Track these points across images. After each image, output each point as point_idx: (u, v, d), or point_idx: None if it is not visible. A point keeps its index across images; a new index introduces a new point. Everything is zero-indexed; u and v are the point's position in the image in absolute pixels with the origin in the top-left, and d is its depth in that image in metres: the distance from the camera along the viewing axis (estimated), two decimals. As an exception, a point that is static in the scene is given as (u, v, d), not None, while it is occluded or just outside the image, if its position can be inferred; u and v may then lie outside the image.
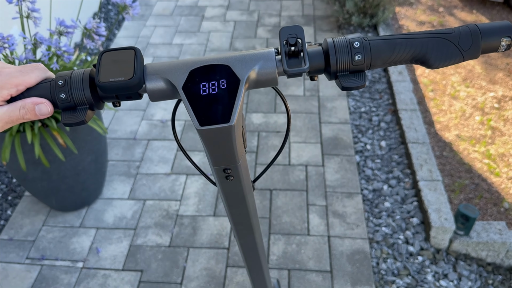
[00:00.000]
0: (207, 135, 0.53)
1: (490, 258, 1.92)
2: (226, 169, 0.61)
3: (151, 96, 0.56)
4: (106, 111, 2.70)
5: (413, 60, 0.55)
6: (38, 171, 1.85)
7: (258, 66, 0.55)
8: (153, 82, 0.55)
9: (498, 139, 2.50)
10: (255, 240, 0.83)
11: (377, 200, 2.14)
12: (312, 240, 1.97)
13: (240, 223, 0.77)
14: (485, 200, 2.16)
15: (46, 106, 0.53)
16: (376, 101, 2.75)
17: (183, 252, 1.94)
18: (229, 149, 0.57)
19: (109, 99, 0.57)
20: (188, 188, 2.22)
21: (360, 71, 0.55)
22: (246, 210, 0.73)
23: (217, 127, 0.52)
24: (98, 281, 1.85)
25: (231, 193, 0.68)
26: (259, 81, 0.56)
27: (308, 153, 2.40)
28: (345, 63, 0.54)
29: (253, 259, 0.91)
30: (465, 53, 0.54)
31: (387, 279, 1.83)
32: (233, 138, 0.54)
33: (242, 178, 0.65)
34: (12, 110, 0.52)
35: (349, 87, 0.54)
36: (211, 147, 0.56)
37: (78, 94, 0.54)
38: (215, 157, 0.59)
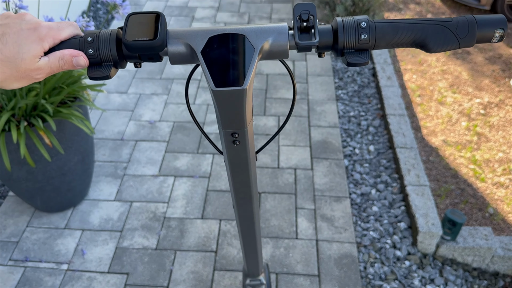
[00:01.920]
0: (221, 97, 0.58)
1: (476, 263, 1.94)
2: (234, 133, 0.66)
3: (171, 59, 0.61)
4: (94, 111, 2.66)
5: (413, 43, 0.60)
6: (23, 171, 1.82)
7: (272, 38, 0.59)
8: (174, 45, 0.60)
9: (484, 145, 2.53)
10: (253, 209, 0.88)
11: (365, 204, 2.15)
12: (300, 244, 1.97)
13: (240, 191, 0.82)
14: (470, 205, 2.19)
15: (83, 59, 0.58)
16: (365, 105, 2.77)
17: (170, 255, 1.92)
18: (240, 113, 0.61)
19: (132, 58, 0.61)
20: (176, 190, 2.20)
21: (365, 49, 0.59)
22: (248, 178, 0.78)
23: (231, 89, 0.56)
24: (83, 283, 1.82)
25: (236, 159, 0.73)
26: (272, 52, 0.60)
27: (297, 156, 2.40)
28: (351, 41, 0.58)
29: (248, 230, 0.95)
30: (461, 41, 0.59)
31: (375, 284, 1.83)
32: (244, 101, 0.59)
33: (247, 144, 0.69)
34: (52, 61, 0.57)
35: (354, 63, 0.58)
36: (223, 110, 0.61)
37: (105, 51, 0.59)
38: (225, 120, 0.63)
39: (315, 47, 0.61)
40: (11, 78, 0.55)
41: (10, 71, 0.54)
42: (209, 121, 2.62)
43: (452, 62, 3.24)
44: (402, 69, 3.16)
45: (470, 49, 3.39)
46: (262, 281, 1.20)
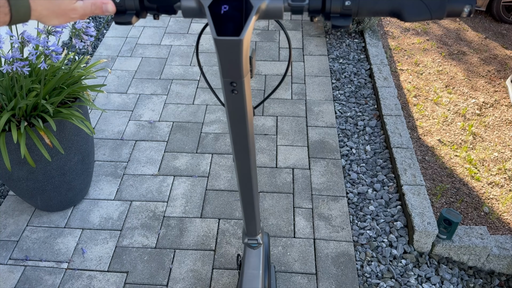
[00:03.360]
0: (221, 45, 0.66)
1: (471, 262, 1.97)
2: (232, 83, 0.74)
3: (183, 12, 0.71)
4: (94, 111, 2.68)
5: (391, 13, 0.67)
6: (23, 171, 1.83)
7: (269, 0, 0.68)
8: (187, 0, 0.70)
9: (479, 145, 2.56)
10: (250, 163, 0.95)
11: (362, 203, 2.18)
12: (298, 243, 1.99)
13: (238, 143, 0.89)
14: (465, 204, 2.21)
15: (111, 6, 0.69)
16: (362, 106, 2.79)
17: (169, 253, 1.94)
18: (237, 62, 0.69)
19: (151, 10, 0.72)
20: (175, 190, 2.22)
21: (348, 15, 0.67)
22: (245, 128, 0.85)
23: (230, 39, 0.65)
24: (83, 282, 1.84)
25: (235, 109, 0.81)
26: (268, 11, 0.69)
27: (295, 156, 2.42)
28: (337, 6, 0.67)
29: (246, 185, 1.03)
30: (433, 13, 0.66)
31: (371, 282, 1.86)
32: (241, 51, 0.67)
33: (244, 94, 0.77)
34: (86, 5, 0.67)
35: (338, 26, 0.66)
36: (222, 58, 0.69)
37: (130, 1, 0.70)
38: (225, 69, 0.71)
39: (306, 10, 0.68)
40: (52, 14, 0.65)
41: (53, 8, 0.64)
42: (207, 121, 2.64)
43: (447, 62, 3.27)
44: (399, 70, 3.18)
45: (465, 49, 3.43)
46: (259, 241, 1.30)
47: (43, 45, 1.64)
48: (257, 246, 1.30)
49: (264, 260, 1.34)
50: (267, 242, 1.54)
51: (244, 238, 1.30)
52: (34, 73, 1.80)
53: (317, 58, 3.21)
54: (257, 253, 1.30)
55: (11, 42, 1.60)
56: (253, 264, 1.28)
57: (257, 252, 1.31)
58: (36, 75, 1.80)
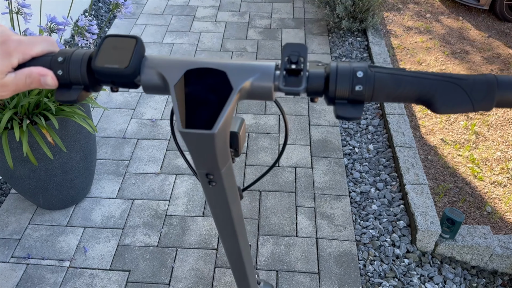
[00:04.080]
0: (189, 139, 0.52)
1: (474, 262, 1.96)
2: (208, 174, 0.60)
3: (144, 88, 0.56)
4: (96, 109, 2.67)
5: (418, 100, 0.52)
6: (25, 169, 1.83)
7: (254, 78, 0.52)
8: (148, 75, 0.54)
9: (482, 144, 2.55)
10: (240, 247, 0.82)
11: (365, 202, 2.17)
12: (300, 242, 1.99)
13: (224, 229, 0.76)
14: (468, 203, 2.21)
15: (51, 79, 0.54)
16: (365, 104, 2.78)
17: (171, 252, 1.94)
18: (211, 156, 0.55)
19: (106, 83, 0.56)
20: (177, 188, 2.21)
21: (359, 101, 0.52)
22: (229, 218, 0.71)
23: (198, 132, 0.50)
24: (85, 280, 1.83)
25: (215, 199, 0.67)
26: (253, 93, 0.54)
27: (297, 155, 2.41)
28: (344, 91, 0.51)
29: (237, 265, 0.90)
30: (476, 104, 0.50)
31: (374, 281, 1.85)
32: (214, 146, 0.52)
33: (225, 186, 0.62)
34: (20, 78, 0.53)
35: (343, 117, 0.52)
36: (193, 151, 0.55)
37: (75, 74, 0.54)
38: (197, 161, 0.57)
39: (305, 93, 0.54)
40: None
41: None
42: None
43: (450, 61, 3.26)
44: (402, 69, 3.17)
45: (468, 48, 3.41)
46: None
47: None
48: None
49: None
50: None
51: None
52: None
53: (319, 56, 3.20)
54: None
55: None
56: None
57: None
58: (38, 73, 1.80)
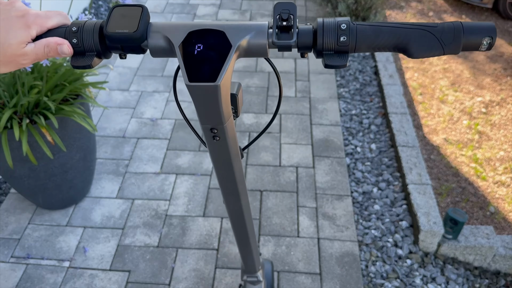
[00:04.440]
0: (195, 92, 0.57)
1: (477, 262, 1.94)
2: (213, 129, 0.66)
3: (151, 51, 0.61)
4: (95, 109, 2.66)
5: (395, 48, 0.58)
6: (25, 169, 1.82)
7: (250, 36, 0.59)
8: (154, 38, 0.60)
9: (485, 144, 2.53)
10: (241, 206, 0.87)
11: (367, 202, 2.15)
12: (302, 242, 1.97)
13: (227, 187, 0.82)
14: (471, 203, 2.19)
15: (67, 47, 0.59)
16: (367, 104, 2.76)
17: (171, 252, 1.92)
18: (215, 109, 0.61)
19: (115, 50, 0.62)
20: (178, 188, 2.20)
21: (344, 52, 0.58)
22: (232, 174, 0.77)
23: (204, 84, 0.56)
24: (85, 281, 1.82)
25: (218, 155, 0.73)
26: (250, 50, 0.60)
27: (299, 154, 2.40)
28: (331, 43, 0.57)
29: (239, 227, 0.95)
30: (446, 48, 0.57)
31: (376, 282, 1.84)
32: (219, 97, 0.58)
33: (228, 140, 0.68)
34: (39, 48, 0.58)
35: (331, 65, 0.58)
36: (198, 105, 0.61)
37: (88, 41, 0.60)
38: (202, 115, 0.63)
39: (295, 47, 0.60)
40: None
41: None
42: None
43: (453, 60, 3.24)
44: (404, 68, 3.15)
45: (472, 47, 3.39)
46: (259, 278, 1.20)
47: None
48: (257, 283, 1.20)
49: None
50: (271, 270, 1.43)
51: (243, 275, 1.19)
52: (36, 70, 1.78)
53: (321, 55, 3.18)
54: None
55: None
56: None
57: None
58: (38, 72, 1.78)
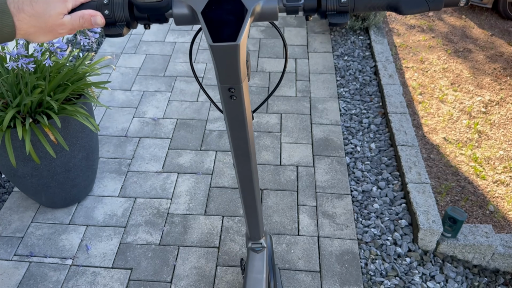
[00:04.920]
0: (217, 52, 0.64)
1: (476, 261, 1.96)
2: (231, 88, 0.73)
3: (176, 19, 0.68)
4: (98, 108, 2.68)
5: (388, 6, 0.66)
6: (28, 168, 1.84)
7: (263, 1, 0.66)
8: (178, 7, 0.67)
9: (485, 143, 2.55)
10: (251, 168, 0.94)
11: (366, 201, 2.17)
12: (302, 240, 1.99)
13: (238, 148, 0.88)
14: (471, 202, 2.20)
15: (100, 18, 0.66)
16: (367, 103, 2.78)
17: (173, 250, 1.94)
18: (234, 67, 0.68)
19: (142, 20, 0.69)
20: (179, 187, 2.22)
21: (345, 12, 0.66)
22: (245, 134, 0.84)
23: (226, 44, 0.63)
24: (87, 278, 1.84)
25: (234, 114, 0.79)
26: (263, 13, 0.67)
27: (299, 153, 2.41)
28: (333, 4, 0.66)
29: (247, 189, 1.01)
30: (431, 4, 0.65)
31: (376, 280, 1.85)
32: (238, 56, 0.65)
33: (243, 99, 0.76)
34: (74, 19, 0.64)
35: (335, 23, 0.66)
36: (219, 65, 0.68)
37: (119, 13, 0.67)
38: (222, 75, 0.70)
39: (302, 10, 0.67)
40: (40, 31, 0.63)
41: (40, 25, 0.62)
42: (211, 118, 2.63)
43: (453, 60, 3.25)
44: (404, 67, 3.17)
45: (471, 47, 3.40)
46: (263, 244, 1.27)
47: (48, 42, 1.64)
48: (261, 250, 1.28)
49: (268, 263, 1.31)
50: (270, 244, 1.52)
51: (248, 242, 1.27)
52: (39, 69, 1.80)
53: (321, 55, 3.19)
54: (260, 257, 1.28)
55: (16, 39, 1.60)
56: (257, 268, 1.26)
57: (261, 255, 1.28)
58: (41, 71, 1.80)
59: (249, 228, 1.19)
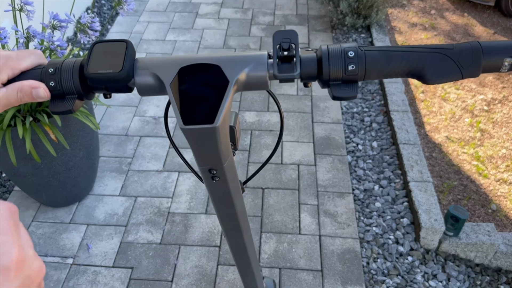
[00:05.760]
0: (191, 135, 0.52)
1: (478, 259, 1.95)
2: (211, 170, 0.60)
3: (139, 91, 0.56)
4: (98, 107, 2.67)
5: (409, 74, 0.54)
6: (29, 166, 1.83)
7: (249, 69, 0.53)
8: (142, 76, 0.54)
9: (487, 141, 2.53)
10: (244, 241, 0.82)
11: (368, 200, 2.16)
12: (304, 239, 1.98)
13: (228, 224, 0.77)
14: (473, 201, 2.19)
15: (43, 91, 0.53)
16: (368, 102, 2.77)
17: (174, 249, 1.94)
18: (214, 151, 0.55)
19: (99, 90, 0.56)
20: (180, 186, 2.21)
21: (353, 81, 0.53)
22: (233, 212, 0.72)
23: (201, 127, 0.50)
24: (88, 277, 1.84)
25: (218, 194, 0.67)
26: (249, 83, 0.55)
27: (300, 152, 2.40)
28: (337, 72, 0.53)
29: (242, 260, 0.90)
30: (464, 71, 0.52)
31: (377, 279, 1.84)
32: (217, 139, 0.53)
33: (228, 180, 0.63)
34: (10, 93, 0.52)
35: (340, 97, 0.53)
36: (195, 147, 0.55)
37: (67, 83, 0.54)
38: (200, 157, 0.58)
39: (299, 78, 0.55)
40: None
41: None
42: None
43: (455, 58, 3.23)
44: (406, 66, 3.15)
45: (474, 45, 3.38)
46: None
47: (48, 40, 1.63)
48: None
49: None
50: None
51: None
52: (39, 68, 1.79)
53: (323, 53, 3.18)
54: None
55: (16, 37, 1.60)
56: None
57: None
58: (41, 70, 1.80)
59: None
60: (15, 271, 0.34)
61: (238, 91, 0.54)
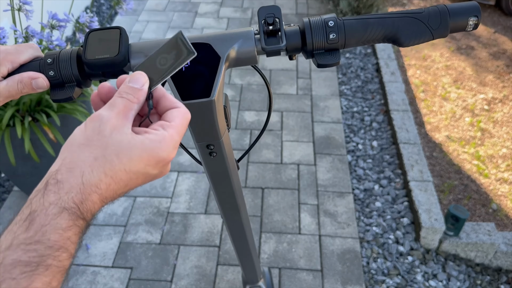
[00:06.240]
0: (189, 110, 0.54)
1: (478, 259, 1.94)
2: (209, 145, 0.64)
3: None
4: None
5: (385, 39, 0.57)
6: (27, 166, 1.83)
7: (238, 45, 0.57)
8: (137, 59, 0.57)
9: (488, 141, 2.53)
10: (242, 220, 0.85)
11: (368, 199, 2.15)
12: (303, 239, 1.97)
13: (225, 202, 0.79)
14: (473, 201, 2.19)
15: (43, 81, 0.56)
16: (369, 101, 2.76)
17: (173, 249, 1.93)
18: (211, 124, 0.59)
19: (96, 76, 0.58)
20: (180, 186, 2.21)
21: (335, 49, 0.57)
22: (230, 188, 0.75)
23: (199, 101, 0.54)
24: (87, 278, 1.83)
25: (215, 170, 0.70)
26: (239, 59, 0.58)
27: (300, 152, 2.40)
28: (320, 41, 0.56)
29: (240, 241, 0.93)
30: (434, 32, 0.56)
31: (377, 279, 1.84)
32: (214, 112, 0.56)
33: (225, 155, 0.66)
34: (11, 85, 0.54)
35: (324, 64, 0.56)
36: (193, 123, 0.58)
37: (66, 72, 0.56)
38: (198, 132, 0.61)
39: (284, 50, 0.58)
40: None
41: None
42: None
43: (456, 57, 3.23)
44: (406, 65, 3.15)
45: (474, 44, 3.38)
46: (262, 287, 1.18)
47: (47, 40, 1.63)
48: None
49: None
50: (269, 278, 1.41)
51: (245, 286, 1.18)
52: (38, 68, 1.79)
53: (323, 53, 3.17)
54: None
55: (15, 37, 1.59)
56: None
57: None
58: (40, 70, 1.79)
59: (244, 272, 1.11)
60: (166, 165, 0.44)
61: (229, 67, 0.58)
